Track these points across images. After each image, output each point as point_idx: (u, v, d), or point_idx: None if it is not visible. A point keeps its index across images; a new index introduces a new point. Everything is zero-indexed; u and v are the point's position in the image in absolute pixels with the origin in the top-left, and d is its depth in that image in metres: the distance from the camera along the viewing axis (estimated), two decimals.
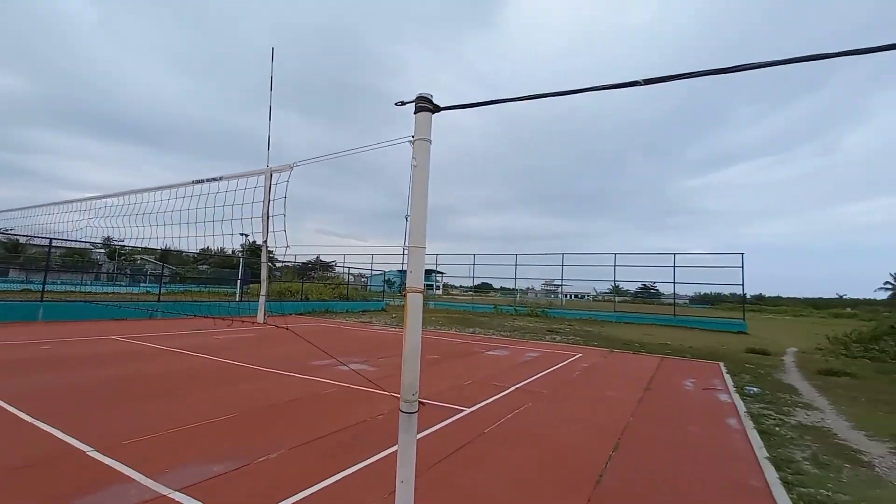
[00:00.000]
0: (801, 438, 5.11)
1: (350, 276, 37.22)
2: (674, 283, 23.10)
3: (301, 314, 19.47)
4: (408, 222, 2.55)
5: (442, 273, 63.99)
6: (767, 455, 4.44)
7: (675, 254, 22.90)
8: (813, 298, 68.51)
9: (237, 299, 19.58)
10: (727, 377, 8.70)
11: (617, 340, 14.33)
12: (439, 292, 72.03)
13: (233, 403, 5.42)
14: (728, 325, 21.45)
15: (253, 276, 37.63)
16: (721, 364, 10.34)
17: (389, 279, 58.13)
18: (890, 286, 54.82)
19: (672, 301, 26.19)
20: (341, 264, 40.03)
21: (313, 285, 26.84)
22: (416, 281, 2.48)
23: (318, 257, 51.05)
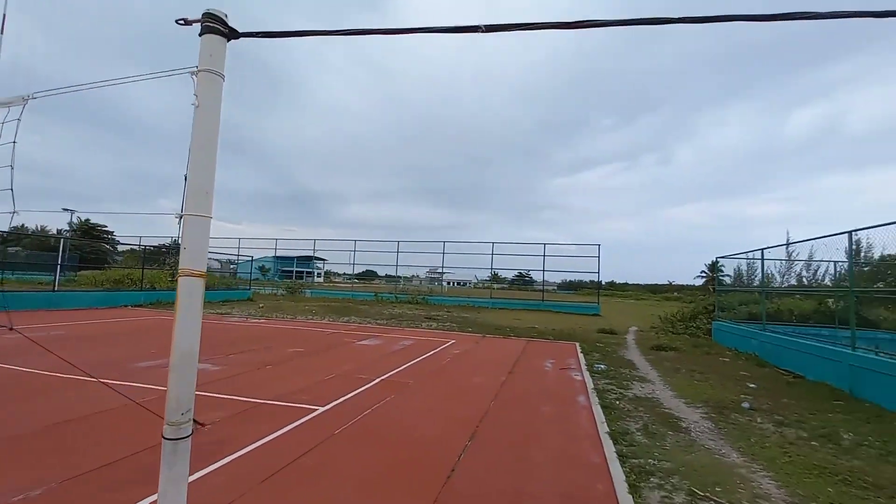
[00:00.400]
0: (636, 410, 5.59)
1: (216, 263, 33.21)
2: (543, 270, 25.13)
3: (140, 305, 16.57)
4: (186, 183, 1.87)
5: (324, 260, 61.09)
6: (608, 430, 4.69)
7: (544, 244, 24.89)
8: (650, 284, 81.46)
9: (53, 288, 15.82)
10: (581, 356, 9.45)
11: (490, 326, 14.89)
12: (321, 280, 68.84)
13: None
14: (586, 308, 24.00)
15: (85, 260, 31.32)
16: (577, 344, 11.28)
17: (263, 266, 53.54)
18: (705, 274, 67.25)
19: (542, 288, 28.45)
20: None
21: (162, 273, 23.21)
22: (194, 261, 1.83)
23: (174, 240, 44.70)
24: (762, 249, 9.97)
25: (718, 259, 12.90)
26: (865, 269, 15.46)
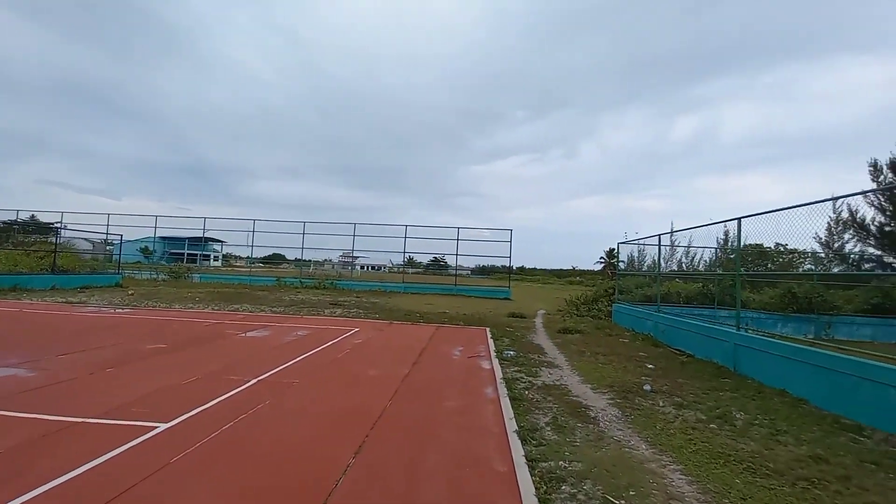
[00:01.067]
0: (545, 400, 5.22)
1: (87, 243, 28.09)
2: (456, 255, 24.99)
3: None
4: None
5: (221, 241, 55.37)
6: (516, 428, 4.20)
7: (458, 228, 24.66)
8: (556, 269, 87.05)
9: None
10: (491, 342, 9.11)
11: (400, 311, 14.15)
12: (217, 263, 62.63)
13: None
14: (497, 292, 24.36)
15: None
16: (487, 329, 11.00)
17: (146, 247, 47.31)
18: (603, 260, 73.43)
19: (454, 272, 28.38)
20: (76, 226, 29.51)
21: (4, 252, 18.93)
22: None
23: (32, 216, 37.34)
24: (659, 235, 10.47)
25: (619, 245, 13.53)
26: (731, 255, 17.44)
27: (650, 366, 7.46)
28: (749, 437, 4.32)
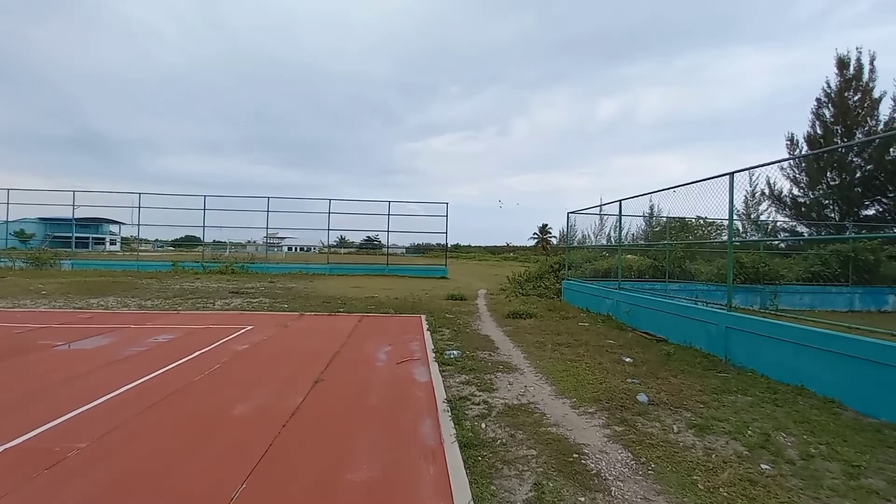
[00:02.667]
0: (514, 442, 3.33)
1: None
2: (388, 231, 22.59)
3: None
4: None
5: (119, 223, 47.91)
6: None
7: (389, 201, 22.22)
8: (490, 246, 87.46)
9: None
10: (428, 336, 7.16)
11: (318, 298, 11.74)
12: (116, 248, 54.65)
13: None
14: (433, 271, 22.50)
15: None
16: (423, 317, 9.04)
17: (22, 230, 39.82)
18: (536, 236, 74.63)
19: (386, 251, 26.08)
20: None
21: None
22: None
23: None
24: (620, 201, 9.04)
25: (568, 214, 12.12)
26: (657, 228, 16.95)
27: (627, 359, 5.92)
28: (833, 490, 2.75)
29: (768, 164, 5.97)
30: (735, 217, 6.86)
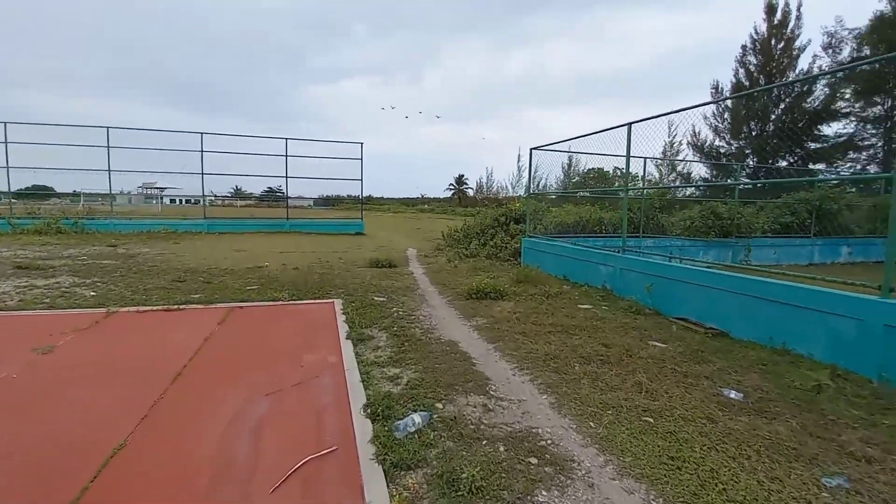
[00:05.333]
0: None
1: None
2: (286, 177, 17.81)
3: None
4: None
5: None
6: None
7: (286, 139, 17.34)
8: (404, 198, 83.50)
9: None
10: (348, 353, 3.83)
11: (168, 273, 7.59)
12: None
13: None
14: (347, 226, 18.60)
15: None
16: (338, 304, 5.62)
17: None
18: (452, 187, 72.23)
19: (286, 202, 21.29)
20: None
21: None
22: None
23: None
24: (630, 124, 6.15)
25: (531, 151, 9.13)
26: (574, 179, 15.09)
27: (732, 394, 3.21)
28: None
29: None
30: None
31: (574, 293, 6.51)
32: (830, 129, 20.73)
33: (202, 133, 16.32)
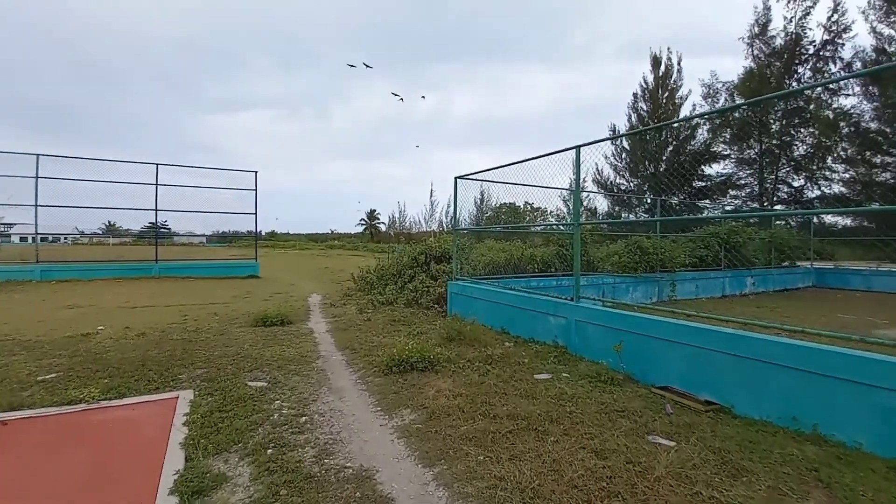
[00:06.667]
0: None
1: None
2: (156, 210, 14.61)
3: None
4: None
5: None
6: None
7: (157, 164, 14.32)
8: (312, 234, 79.01)
9: None
10: None
11: None
12: None
13: None
14: (237, 268, 15.78)
15: None
16: (182, 401, 3.60)
17: None
18: (364, 223, 69.87)
19: (155, 240, 17.76)
20: None
21: None
22: None
23: None
24: (578, 147, 5.14)
25: (456, 180, 7.91)
26: (487, 213, 14.72)
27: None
28: None
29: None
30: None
31: (522, 354, 5.16)
32: (712, 170, 23.09)
33: (38, 155, 12.76)
